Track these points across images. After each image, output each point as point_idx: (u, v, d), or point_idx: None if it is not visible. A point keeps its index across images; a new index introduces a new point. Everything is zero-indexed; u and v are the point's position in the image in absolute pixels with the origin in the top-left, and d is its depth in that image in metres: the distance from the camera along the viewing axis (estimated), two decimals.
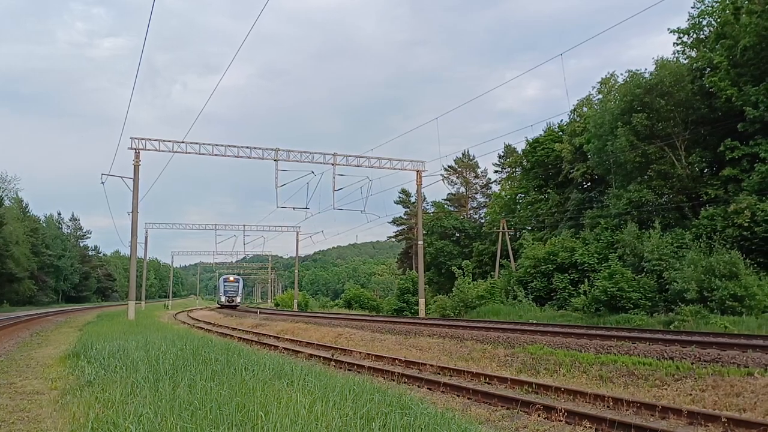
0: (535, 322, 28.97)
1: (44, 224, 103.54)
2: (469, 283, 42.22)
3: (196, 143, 36.13)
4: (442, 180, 72.76)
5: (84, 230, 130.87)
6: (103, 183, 39.14)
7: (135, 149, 35.26)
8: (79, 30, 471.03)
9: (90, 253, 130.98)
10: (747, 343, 13.62)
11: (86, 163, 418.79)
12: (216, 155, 36.43)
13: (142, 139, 35.29)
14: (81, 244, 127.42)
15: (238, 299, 77.26)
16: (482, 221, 72.21)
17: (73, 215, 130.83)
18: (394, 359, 16.76)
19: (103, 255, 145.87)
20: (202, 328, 34.23)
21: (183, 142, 35.69)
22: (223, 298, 76.38)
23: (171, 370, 9.17)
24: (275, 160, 36.73)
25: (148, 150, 35.45)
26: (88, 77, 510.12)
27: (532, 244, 44.77)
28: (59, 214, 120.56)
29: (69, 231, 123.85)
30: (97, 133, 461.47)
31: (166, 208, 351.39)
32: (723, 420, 8.35)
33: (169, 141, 35.61)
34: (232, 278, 79.18)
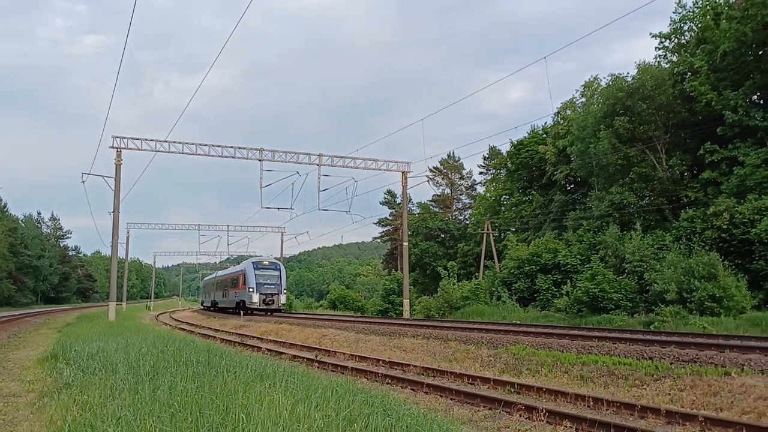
0: (518, 322, 29.12)
1: (23, 224, 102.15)
2: (453, 284, 42.31)
3: (179, 143, 35.93)
4: (428, 181, 72.50)
5: (64, 230, 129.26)
6: (83, 182, 38.80)
7: (117, 148, 34.97)
8: (59, 27, 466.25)
9: (70, 254, 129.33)
10: (724, 344, 13.79)
11: (67, 162, 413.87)
12: (199, 155, 36.25)
13: (124, 138, 35.02)
14: (61, 244, 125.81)
15: (282, 299, 44.17)
16: (467, 222, 72.44)
17: (53, 215, 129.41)
18: (378, 360, 16.76)
19: (84, 255, 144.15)
20: (184, 330, 33.98)
21: (165, 141, 35.47)
22: (255, 298, 42.65)
23: (151, 372, 9.09)
24: (260, 160, 36.61)
25: (130, 149, 35.19)
26: (69, 75, 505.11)
27: (516, 245, 44.98)
28: (39, 213, 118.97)
29: (49, 231, 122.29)
30: (78, 131, 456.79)
31: (149, 208, 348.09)
32: (700, 419, 8.45)
33: (152, 140, 35.38)
34: (267, 262, 46.08)
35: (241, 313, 42.84)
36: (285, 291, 45.03)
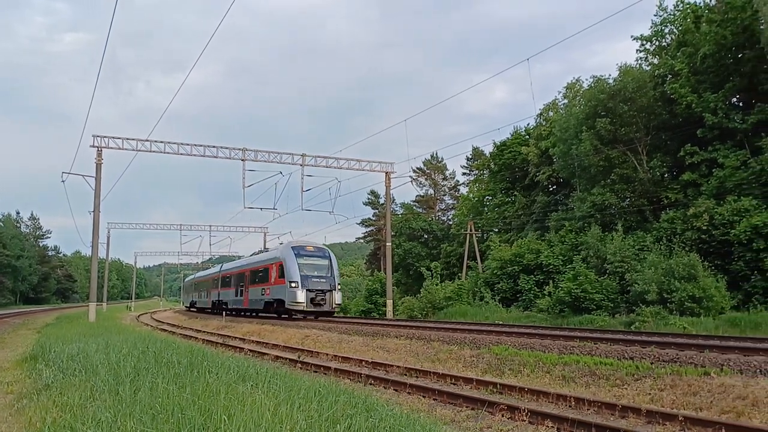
0: (501, 323, 29.27)
1: (2, 223, 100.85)
2: (436, 285, 42.39)
3: (161, 142, 35.64)
4: (411, 182, 72.74)
5: (44, 230, 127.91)
6: (63, 182, 38.40)
7: (97, 147, 34.61)
8: (39, 24, 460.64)
9: (50, 254, 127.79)
10: (704, 344, 13.96)
11: (46, 161, 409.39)
12: (181, 154, 35.97)
13: (105, 137, 34.66)
14: (40, 244, 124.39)
15: (337, 297, 33.03)
16: (450, 223, 72.57)
17: (32, 214, 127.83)
18: (361, 361, 16.74)
19: (64, 255, 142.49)
20: (165, 330, 33.72)
21: (147, 140, 35.16)
22: (300, 296, 31.62)
23: (132, 374, 9.01)
24: (242, 160, 36.42)
25: (111, 148, 34.85)
26: (49, 73, 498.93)
27: (499, 245, 45.15)
28: (18, 213, 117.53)
29: (28, 230, 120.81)
30: (58, 130, 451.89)
31: (130, 207, 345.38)
32: (680, 419, 8.53)
33: (133, 139, 35.05)
34: (312, 247, 34.64)
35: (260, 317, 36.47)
36: (339, 287, 33.44)
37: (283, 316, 34.70)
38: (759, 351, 12.36)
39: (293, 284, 31.75)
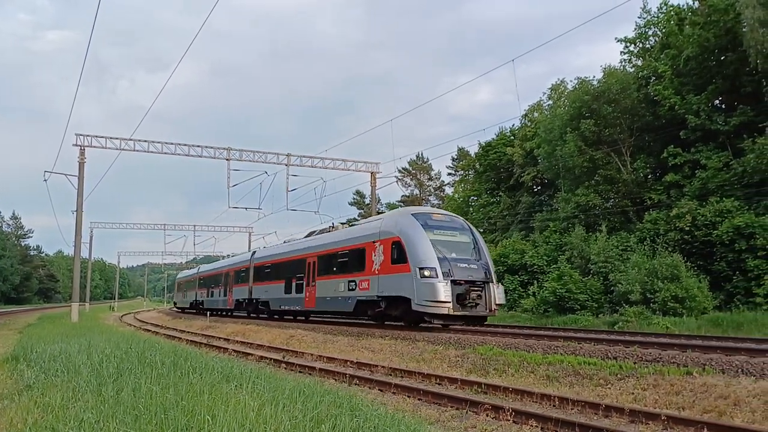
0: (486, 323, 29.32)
1: None
2: None
3: (145, 141, 35.43)
4: (396, 182, 72.87)
5: (25, 229, 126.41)
6: (46, 181, 38.04)
7: (80, 146, 34.35)
8: (22, 22, 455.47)
9: (32, 253, 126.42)
10: (687, 343, 14.11)
11: (29, 160, 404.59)
12: (165, 153, 35.76)
13: (88, 135, 34.39)
14: (22, 244, 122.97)
15: (499, 293, 20.53)
16: None
17: (14, 213, 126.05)
18: (346, 361, 16.72)
19: (46, 255, 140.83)
20: (149, 331, 33.48)
21: (131, 139, 34.92)
22: (441, 292, 18.96)
23: (115, 374, 8.95)
24: (227, 160, 36.27)
25: (94, 147, 34.59)
26: (32, 71, 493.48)
27: None
28: None
29: (9, 230, 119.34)
30: (41, 128, 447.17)
31: (113, 207, 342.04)
32: (663, 418, 8.60)
33: (116, 138, 34.80)
34: (441, 215, 23.53)
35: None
36: (494, 275, 21.43)
37: (397, 323, 23.12)
38: (740, 351, 12.51)
39: (427, 272, 19.67)
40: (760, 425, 8.16)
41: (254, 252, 39.72)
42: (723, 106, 34.08)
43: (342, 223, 31.44)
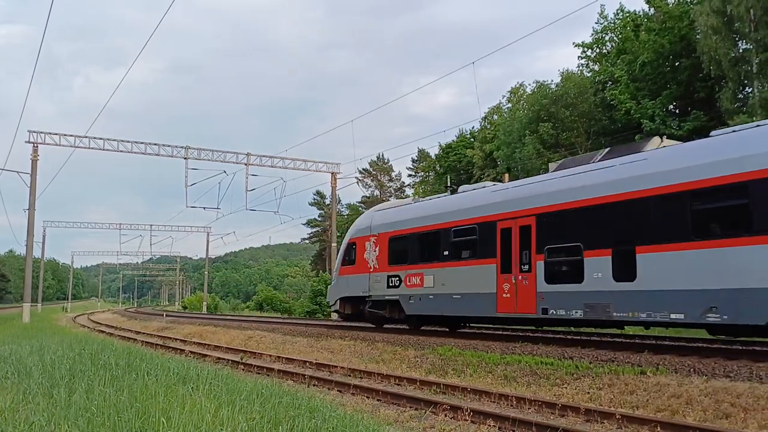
0: None
1: None
2: None
3: (100, 138, 34.66)
4: (357, 182, 72.96)
5: None
6: None
7: (33, 143, 33.43)
8: None
9: None
10: (641, 344, 14.44)
11: None
12: (121, 151, 35.08)
13: (41, 132, 33.50)
14: None
15: None
16: None
17: None
18: (305, 362, 16.63)
19: None
20: (103, 332, 32.71)
21: (85, 137, 34.14)
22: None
23: (67, 376, 8.72)
24: (185, 158, 35.71)
25: (48, 144, 33.73)
26: None
27: None
28: None
29: None
30: None
31: (67, 206, 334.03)
32: (617, 417, 8.76)
33: (70, 135, 33.97)
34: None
35: None
36: None
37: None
38: (692, 351, 12.85)
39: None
40: (712, 423, 8.39)
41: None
42: (677, 111, 35.01)
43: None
